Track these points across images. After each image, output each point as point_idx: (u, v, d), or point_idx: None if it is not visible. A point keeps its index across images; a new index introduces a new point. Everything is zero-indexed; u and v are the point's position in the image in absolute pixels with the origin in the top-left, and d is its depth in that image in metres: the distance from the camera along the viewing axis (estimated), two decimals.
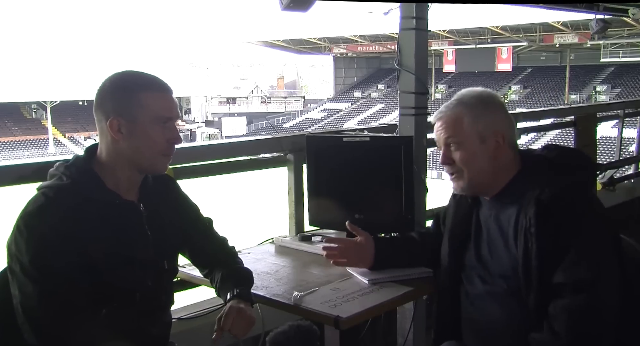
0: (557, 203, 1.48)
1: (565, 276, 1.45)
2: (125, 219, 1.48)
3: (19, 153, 36.56)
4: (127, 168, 1.48)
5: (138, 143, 1.45)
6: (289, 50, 45.15)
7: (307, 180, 2.39)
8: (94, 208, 1.42)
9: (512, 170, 1.63)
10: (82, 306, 1.36)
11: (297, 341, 1.85)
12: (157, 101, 1.46)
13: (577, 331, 1.42)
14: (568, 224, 1.46)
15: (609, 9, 6.78)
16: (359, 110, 42.38)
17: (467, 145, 1.62)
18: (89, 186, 1.44)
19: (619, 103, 7.05)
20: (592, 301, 1.42)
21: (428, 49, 2.72)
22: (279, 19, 71.56)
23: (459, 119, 1.62)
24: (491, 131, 1.60)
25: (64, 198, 1.39)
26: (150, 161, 1.49)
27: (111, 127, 1.43)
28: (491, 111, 1.63)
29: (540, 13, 29.20)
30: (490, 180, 1.64)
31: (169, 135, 1.48)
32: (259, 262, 2.09)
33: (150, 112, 1.45)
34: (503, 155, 1.62)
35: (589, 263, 1.44)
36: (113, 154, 1.47)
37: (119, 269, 1.44)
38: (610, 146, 20.42)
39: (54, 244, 1.34)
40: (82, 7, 73.68)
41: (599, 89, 34.32)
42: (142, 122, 1.44)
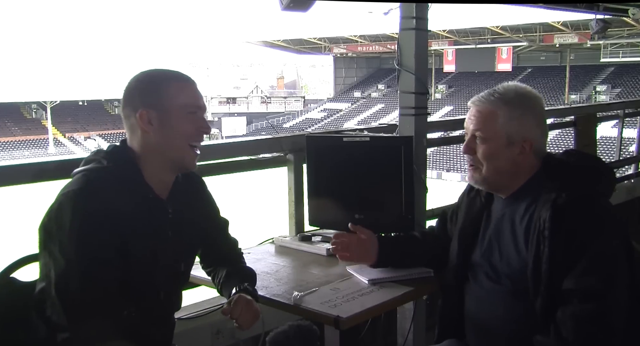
0: (574, 208, 1.47)
1: (576, 283, 1.43)
2: (153, 216, 1.48)
3: (19, 153, 36.55)
4: (158, 163, 1.48)
5: (169, 133, 1.45)
6: (289, 50, 45.15)
7: (307, 180, 2.39)
8: (131, 197, 1.42)
9: (530, 172, 1.62)
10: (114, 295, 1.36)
11: (297, 341, 1.85)
12: (184, 91, 1.48)
13: (585, 338, 1.42)
14: (583, 230, 1.45)
15: (609, 9, 6.79)
16: (359, 110, 42.37)
17: (493, 143, 1.60)
18: (129, 174, 1.44)
19: (619, 103, 7.05)
20: (602, 310, 1.42)
21: (428, 49, 2.72)
22: (279, 19, 71.66)
23: (494, 115, 1.59)
24: (521, 137, 1.58)
25: (105, 181, 1.39)
26: (181, 152, 1.48)
27: (141, 120, 1.43)
28: (528, 117, 1.59)
29: (540, 13, 29.23)
30: (507, 181, 1.63)
31: (198, 124, 1.49)
32: (259, 262, 2.09)
33: (179, 101, 1.46)
34: (524, 161, 1.60)
35: (602, 272, 1.43)
36: (145, 149, 1.46)
37: (145, 263, 1.44)
38: (610, 146, 20.42)
39: (92, 227, 1.33)
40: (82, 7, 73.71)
41: (599, 89, 34.31)
42: (171, 111, 1.45)
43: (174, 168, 1.52)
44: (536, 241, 1.49)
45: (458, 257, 1.75)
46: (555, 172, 1.58)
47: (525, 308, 1.54)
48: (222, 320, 2.10)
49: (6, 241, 12.93)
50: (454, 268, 1.76)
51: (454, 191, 2.58)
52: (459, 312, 1.74)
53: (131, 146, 1.48)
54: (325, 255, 2.15)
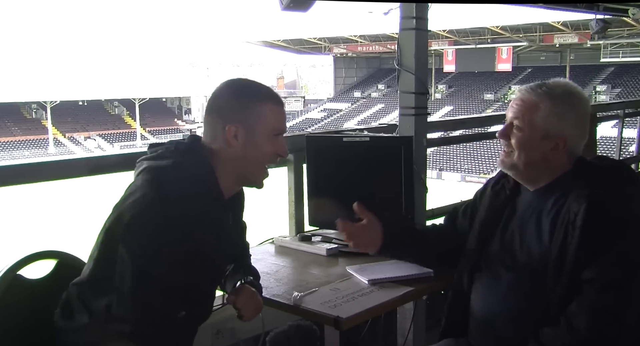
0: (610, 204, 1.49)
1: (598, 273, 1.45)
2: (219, 221, 1.49)
3: (19, 153, 36.56)
4: (229, 175, 1.49)
5: (251, 152, 1.47)
6: (289, 50, 45.16)
7: (307, 180, 2.39)
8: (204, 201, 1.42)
9: (561, 169, 1.62)
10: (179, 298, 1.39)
11: (297, 341, 1.85)
12: (275, 114, 1.50)
13: (597, 329, 1.43)
14: (616, 226, 1.47)
15: (609, 9, 6.79)
16: (359, 110, 42.38)
17: (528, 133, 1.60)
18: (203, 176, 1.44)
19: (619, 103, 7.05)
20: (620, 302, 1.44)
21: (428, 49, 2.72)
22: (279, 19, 71.56)
23: (535, 107, 1.59)
24: (557, 133, 1.58)
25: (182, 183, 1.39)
26: (256, 171, 1.51)
27: (229, 133, 1.44)
28: (569, 115, 1.59)
29: (540, 13, 29.20)
30: (536, 173, 1.63)
31: (279, 148, 1.52)
32: (259, 262, 2.09)
33: (268, 123, 1.48)
34: (556, 158, 1.61)
35: (626, 266, 1.45)
36: (221, 157, 1.47)
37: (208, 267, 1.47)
38: (610, 146, 20.43)
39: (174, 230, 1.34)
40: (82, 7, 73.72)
41: (599, 89, 34.33)
42: (259, 132, 1.47)
43: (243, 183, 1.55)
44: (564, 231, 1.50)
45: (477, 246, 1.75)
46: (587, 171, 1.60)
47: (535, 302, 1.54)
48: (222, 320, 2.10)
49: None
50: (470, 258, 1.76)
51: (454, 191, 2.58)
52: (465, 309, 1.74)
53: (208, 146, 1.48)
54: (325, 255, 2.15)
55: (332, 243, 2.21)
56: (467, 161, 29.86)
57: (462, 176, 28.71)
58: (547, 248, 1.55)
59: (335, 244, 2.21)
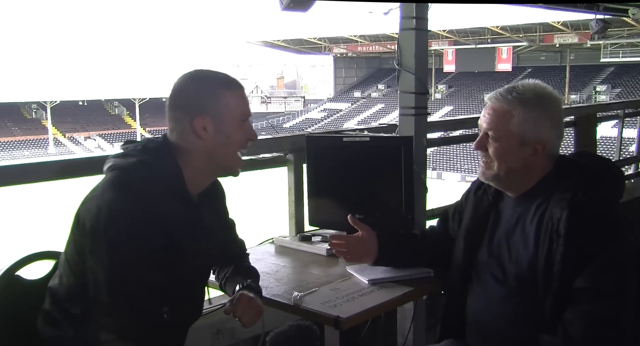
0: (592, 208, 1.47)
1: (589, 282, 1.43)
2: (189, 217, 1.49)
3: (19, 153, 36.54)
4: (203, 167, 1.48)
5: (223, 141, 1.47)
6: (289, 50, 45.14)
7: (307, 180, 2.39)
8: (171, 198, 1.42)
9: (542, 173, 1.60)
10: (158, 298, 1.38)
11: (297, 341, 1.85)
12: (239, 99, 1.50)
13: (593, 338, 1.41)
14: (600, 231, 1.45)
15: (609, 9, 6.79)
16: (359, 110, 42.37)
17: (505, 142, 1.58)
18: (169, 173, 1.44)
19: (619, 103, 7.05)
20: (614, 311, 1.42)
21: (428, 49, 2.72)
22: (279, 19, 71.63)
23: (508, 115, 1.57)
24: (534, 138, 1.56)
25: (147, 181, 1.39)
26: (231, 159, 1.51)
27: (197, 126, 1.44)
28: (544, 119, 1.57)
29: (540, 13, 29.19)
30: (518, 180, 1.62)
31: (249, 132, 1.51)
32: (259, 262, 2.09)
33: (234, 110, 1.48)
34: (536, 163, 1.59)
35: (617, 272, 1.44)
36: (192, 152, 1.46)
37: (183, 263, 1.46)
38: (610, 146, 20.42)
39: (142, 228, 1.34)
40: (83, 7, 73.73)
41: (599, 89, 34.31)
42: (227, 120, 1.46)
43: (219, 174, 1.55)
44: (549, 239, 1.48)
45: (464, 256, 1.73)
46: (567, 172, 1.57)
47: (530, 309, 1.53)
48: (222, 320, 2.10)
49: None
50: (459, 267, 1.75)
51: (454, 191, 2.58)
52: (461, 312, 1.73)
53: (175, 143, 1.47)
54: (325, 255, 2.15)
55: None
56: (467, 161, 29.84)
57: (462, 176, 28.68)
58: (534, 257, 1.53)
59: None
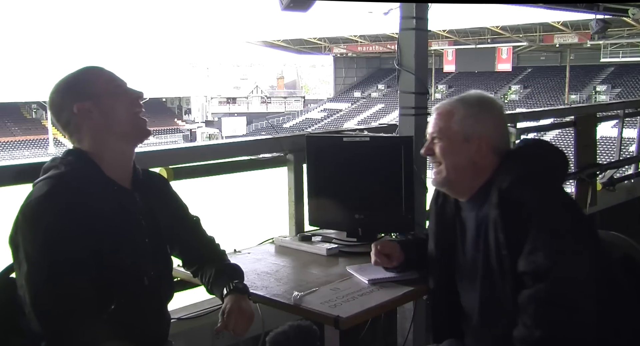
0: (515, 190, 1.49)
1: (526, 264, 1.44)
2: (122, 207, 1.50)
3: (19, 153, 36.56)
4: (117, 145, 1.51)
5: (111, 111, 1.49)
6: (289, 50, 45.13)
7: (307, 180, 2.39)
8: (95, 193, 1.44)
9: (489, 172, 1.62)
10: (90, 297, 1.36)
11: (297, 341, 1.85)
12: (97, 75, 1.53)
13: (546, 321, 1.40)
14: (526, 211, 1.46)
15: (609, 9, 6.79)
16: (359, 110, 42.36)
17: (450, 139, 1.63)
18: (88, 172, 1.47)
19: (619, 103, 7.05)
20: (554, 288, 1.40)
21: (428, 49, 2.72)
22: (279, 19, 71.66)
23: (451, 113, 1.64)
24: (477, 134, 1.60)
25: (66, 184, 1.41)
26: (130, 122, 1.52)
27: (81, 113, 1.47)
28: (485, 116, 1.62)
29: (540, 13, 29.19)
30: (467, 180, 1.63)
31: (129, 93, 1.53)
32: (259, 262, 2.09)
33: (102, 82, 1.51)
34: (483, 159, 1.61)
35: (546, 248, 1.43)
36: (99, 139, 1.49)
37: (122, 254, 1.46)
38: (610, 146, 20.40)
39: (59, 231, 1.34)
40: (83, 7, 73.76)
41: (599, 89, 34.29)
42: (101, 93, 1.49)
43: (132, 141, 1.55)
44: (493, 231, 1.52)
45: (440, 263, 1.76)
46: (507, 164, 1.60)
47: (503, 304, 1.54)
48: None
49: None
50: (438, 274, 1.76)
51: None
52: (449, 313, 1.74)
53: (82, 146, 1.50)
54: (325, 255, 2.15)
55: (332, 243, 2.22)
56: None
57: None
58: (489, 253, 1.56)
59: (335, 244, 2.21)
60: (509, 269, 1.49)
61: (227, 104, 49.16)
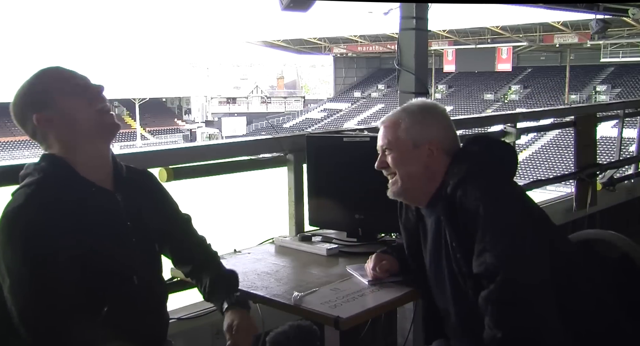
0: (457, 193, 1.50)
1: (477, 266, 1.44)
2: (103, 208, 1.47)
3: (19, 153, 36.56)
4: (87, 146, 1.47)
5: (71, 115, 1.44)
6: (289, 50, 45.15)
7: (307, 180, 2.39)
8: (73, 198, 1.41)
9: (441, 174, 1.62)
10: (78, 304, 1.34)
11: (297, 341, 1.85)
12: (48, 79, 1.47)
13: (505, 321, 1.39)
14: (470, 212, 1.46)
15: (609, 9, 6.80)
16: (359, 110, 42.37)
17: (400, 148, 1.64)
18: (63, 177, 1.43)
19: (619, 103, 7.05)
20: (505, 288, 1.39)
21: (428, 49, 2.72)
22: (279, 19, 71.71)
23: (397, 124, 1.66)
24: (425, 139, 1.62)
25: (41, 191, 1.38)
26: (94, 120, 1.47)
27: (40, 123, 1.43)
28: (429, 121, 1.64)
29: (540, 13, 29.20)
30: (421, 185, 1.64)
31: (86, 90, 1.48)
32: (259, 262, 2.09)
33: (55, 87, 1.45)
34: (436, 163, 1.62)
35: (493, 247, 1.42)
36: (68, 145, 1.46)
37: (107, 256, 1.43)
38: (610, 146, 20.41)
39: (38, 239, 1.32)
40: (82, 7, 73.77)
41: (599, 89, 34.30)
42: (56, 99, 1.44)
43: (102, 139, 1.51)
44: (447, 235, 1.54)
45: (417, 268, 1.77)
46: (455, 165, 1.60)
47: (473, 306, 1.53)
48: (222, 320, 2.10)
49: None
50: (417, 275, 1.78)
51: None
52: (435, 315, 1.75)
53: (54, 152, 1.47)
54: (325, 255, 2.15)
55: (332, 243, 2.22)
56: None
57: None
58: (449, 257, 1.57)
59: (335, 244, 2.21)
60: (467, 272, 1.50)
61: (227, 104, 49.17)
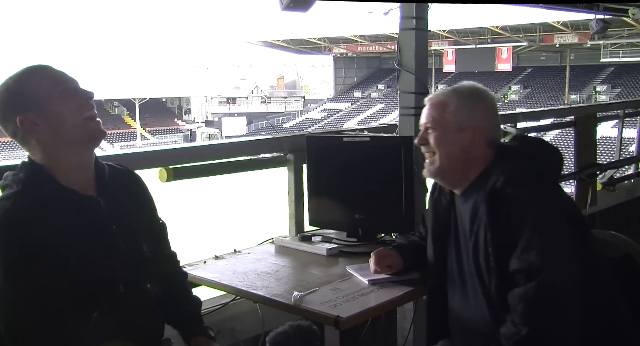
0: (509, 189, 1.49)
1: (518, 263, 1.45)
2: (87, 215, 1.44)
3: (19, 153, 36.45)
4: (70, 152, 1.44)
5: (58, 121, 1.41)
6: (289, 50, 45.14)
7: (307, 180, 2.39)
8: (53, 208, 1.38)
9: (484, 163, 1.63)
10: (67, 311, 1.33)
11: (297, 341, 1.85)
12: (38, 80, 1.42)
13: (535, 319, 1.41)
14: (518, 210, 1.46)
15: (609, 9, 6.79)
16: (359, 110, 42.36)
17: (444, 129, 1.64)
18: (42, 187, 1.40)
19: (619, 103, 7.05)
20: (546, 286, 1.41)
21: (428, 49, 2.72)
22: (279, 19, 71.69)
23: (445, 104, 1.65)
24: (471, 124, 1.62)
25: (20, 205, 1.35)
26: (80, 128, 1.44)
27: (24, 126, 1.39)
28: (478, 106, 1.64)
29: (540, 13, 29.21)
30: (460, 169, 1.64)
31: (76, 96, 1.45)
32: (259, 262, 2.09)
33: (41, 90, 1.40)
34: (476, 150, 1.62)
35: (539, 247, 1.43)
36: (50, 150, 1.42)
37: (91, 265, 1.40)
38: (610, 146, 20.41)
39: (20, 252, 1.30)
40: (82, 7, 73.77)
41: (599, 89, 34.29)
42: (45, 102, 1.39)
43: (86, 146, 1.48)
44: (477, 228, 1.53)
45: (435, 259, 1.76)
46: (502, 159, 1.60)
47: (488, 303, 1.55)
48: (222, 320, 2.10)
49: None
50: (435, 272, 1.77)
51: None
52: (444, 313, 1.74)
53: (35, 158, 1.43)
54: (325, 255, 2.15)
55: (332, 243, 2.22)
56: None
57: None
58: (477, 250, 1.56)
59: (335, 244, 2.21)
60: (495, 267, 1.50)
61: (227, 104, 49.16)
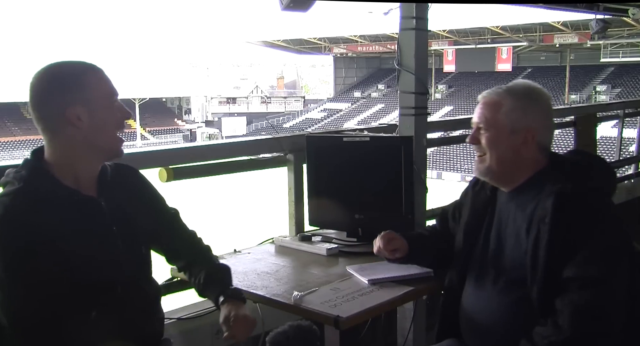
0: (579, 199, 1.49)
1: (576, 272, 1.44)
2: (87, 215, 1.44)
3: (19, 153, 36.55)
4: (89, 157, 1.45)
5: (99, 125, 1.42)
6: (289, 50, 45.15)
7: (307, 180, 2.39)
8: (54, 206, 1.38)
9: (535, 167, 1.62)
10: (66, 309, 1.34)
11: (297, 341, 1.85)
12: (102, 80, 1.46)
13: (580, 326, 1.42)
14: (586, 221, 1.47)
15: (609, 9, 6.79)
16: (359, 110, 42.37)
17: (496, 130, 1.62)
18: (43, 185, 1.40)
19: (619, 103, 7.05)
20: (600, 298, 1.43)
21: (428, 49, 2.72)
22: (279, 19, 71.71)
23: (499, 105, 1.62)
24: (524, 127, 1.60)
25: (20, 203, 1.35)
26: (112, 141, 1.47)
27: (71, 119, 1.39)
28: (532, 108, 1.61)
29: (540, 13, 29.22)
30: (511, 171, 1.63)
31: (121, 111, 1.48)
32: (259, 262, 2.09)
33: (101, 91, 1.44)
34: (528, 152, 1.61)
35: (602, 261, 1.45)
36: (75, 149, 1.42)
37: (90, 264, 1.41)
38: (610, 146, 20.41)
39: (20, 248, 1.30)
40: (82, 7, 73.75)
41: (599, 89, 34.29)
42: (97, 104, 1.42)
43: (105, 158, 1.51)
44: (537, 228, 1.51)
45: (463, 252, 1.75)
46: (559, 167, 1.60)
47: (521, 303, 1.54)
48: None
49: None
50: (459, 264, 1.76)
51: (454, 191, 2.58)
52: (457, 311, 1.74)
53: (53, 150, 1.43)
54: (325, 255, 2.15)
55: (332, 243, 2.22)
56: (467, 161, 29.83)
57: (462, 176, 28.67)
58: (523, 250, 1.55)
59: (335, 244, 2.21)
60: (542, 270, 1.49)
61: (227, 104, 49.17)
